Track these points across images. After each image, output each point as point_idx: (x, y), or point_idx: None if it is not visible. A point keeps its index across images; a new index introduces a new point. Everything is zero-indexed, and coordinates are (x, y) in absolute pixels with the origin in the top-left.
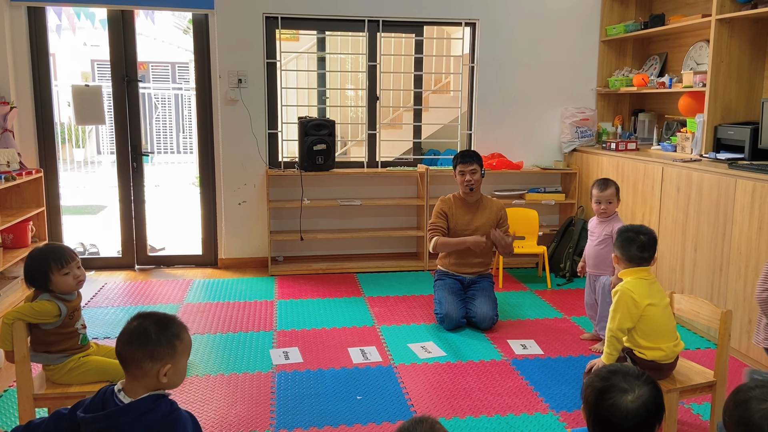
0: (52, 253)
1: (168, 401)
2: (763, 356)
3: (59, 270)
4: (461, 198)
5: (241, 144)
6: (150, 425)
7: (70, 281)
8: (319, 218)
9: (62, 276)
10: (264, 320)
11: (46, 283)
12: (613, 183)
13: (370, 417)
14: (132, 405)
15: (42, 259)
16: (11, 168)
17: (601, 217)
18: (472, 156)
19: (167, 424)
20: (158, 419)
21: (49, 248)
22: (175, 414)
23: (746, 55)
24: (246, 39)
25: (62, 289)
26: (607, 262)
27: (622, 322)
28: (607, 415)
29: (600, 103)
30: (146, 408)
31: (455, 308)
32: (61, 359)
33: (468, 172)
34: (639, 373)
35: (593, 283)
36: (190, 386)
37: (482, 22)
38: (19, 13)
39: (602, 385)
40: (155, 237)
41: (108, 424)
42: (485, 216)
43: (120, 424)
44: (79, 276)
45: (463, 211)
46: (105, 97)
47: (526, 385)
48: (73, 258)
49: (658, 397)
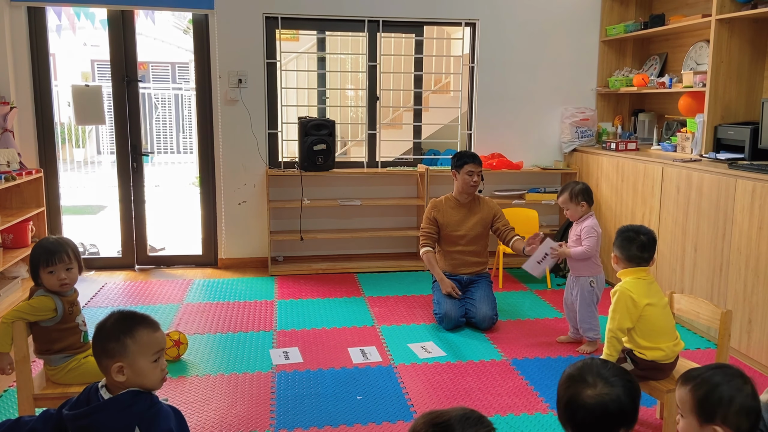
0: (44, 249)
1: (148, 395)
2: (763, 356)
3: (45, 268)
4: (454, 199)
5: (241, 144)
6: (130, 420)
7: (53, 281)
8: (319, 218)
9: (47, 274)
10: (264, 320)
11: (36, 278)
12: (569, 189)
13: (370, 417)
14: (111, 400)
15: (36, 253)
16: (11, 168)
17: (571, 219)
18: (479, 158)
19: (148, 418)
20: (138, 414)
21: (45, 244)
22: (156, 408)
23: (746, 55)
24: (246, 39)
25: (47, 286)
26: (586, 264)
27: (622, 322)
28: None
29: (600, 103)
30: (126, 403)
31: (454, 308)
32: (63, 360)
33: (477, 173)
34: (615, 373)
35: (573, 283)
36: (190, 386)
37: (482, 22)
38: (19, 13)
39: (570, 372)
40: (155, 237)
41: (90, 420)
42: (477, 216)
43: (101, 419)
44: (64, 279)
45: (455, 212)
46: (105, 97)
47: (526, 385)
48: (63, 260)
49: (623, 401)
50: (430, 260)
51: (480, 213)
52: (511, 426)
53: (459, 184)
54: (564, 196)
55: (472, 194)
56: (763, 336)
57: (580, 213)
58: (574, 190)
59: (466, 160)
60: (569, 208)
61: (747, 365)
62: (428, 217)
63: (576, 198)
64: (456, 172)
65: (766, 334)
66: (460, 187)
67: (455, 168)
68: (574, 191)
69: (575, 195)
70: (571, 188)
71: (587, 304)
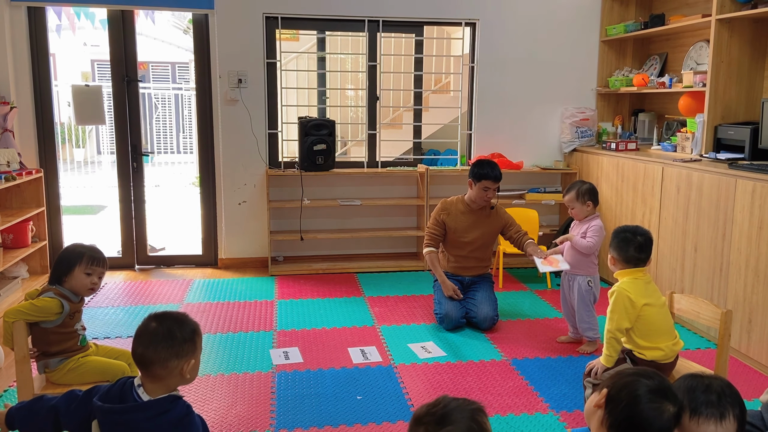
0: (91, 250)
1: (184, 404)
2: (763, 356)
3: (86, 266)
4: (465, 203)
5: (241, 144)
6: (165, 425)
7: (86, 282)
8: (319, 218)
9: (83, 274)
10: (264, 320)
11: (66, 273)
12: (576, 188)
13: (370, 417)
14: (152, 403)
15: (79, 252)
16: (11, 168)
17: (575, 218)
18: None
19: (182, 426)
20: (174, 420)
21: (92, 247)
22: (190, 417)
23: (746, 55)
24: (246, 39)
25: (75, 286)
26: (584, 263)
27: (620, 323)
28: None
29: (600, 103)
30: (165, 408)
31: (454, 308)
32: (60, 362)
33: (492, 189)
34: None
35: (570, 283)
36: (190, 386)
37: (482, 22)
38: (19, 13)
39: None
40: (155, 237)
41: (126, 418)
42: (487, 226)
43: (137, 419)
44: (96, 284)
45: (465, 217)
46: (105, 97)
47: (526, 385)
48: (104, 266)
49: (680, 416)
50: (432, 261)
51: (490, 224)
52: (511, 426)
53: (473, 194)
54: (570, 195)
55: (484, 207)
56: (763, 336)
57: (585, 213)
58: (581, 189)
59: (485, 176)
60: (575, 207)
61: (747, 365)
62: (437, 219)
63: (582, 197)
64: (472, 181)
65: (766, 334)
66: (474, 197)
67: (472, 178)
68: (581, 190)
69: (582, 194)
70: (578, 187)
71: (585, 304)
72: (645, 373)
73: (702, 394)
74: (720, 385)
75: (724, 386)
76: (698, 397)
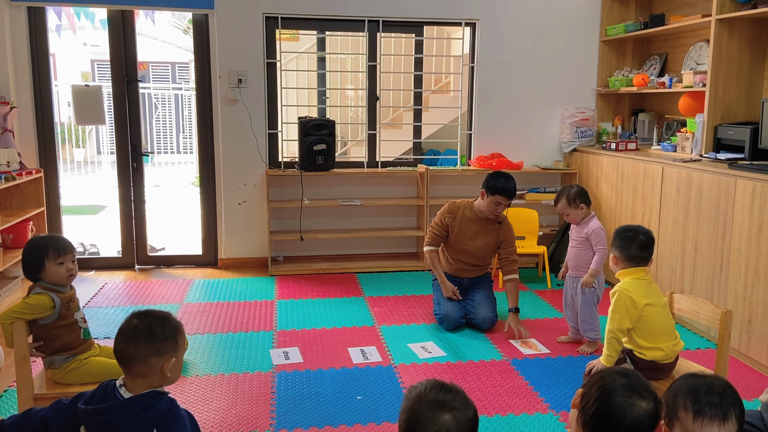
0: (52, 240)
1: (168, 398)
2: (763, 356)
3: (55, 258)
4: (473, 211)
5: (241, 144)
6: (149, 421)
7: (62, 272)
8: (319, 218)
9: (56, 265)
10: (264, 320)
11: (39, 269)
12: (565, 194)
13: (370, 417)
14: (133, 399)
15: (42, 246)
16: (11, 168)
17: (572, 223)
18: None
19: (166, 421)
20: (157, 415)
21: (51, 236)
22: (174, 411)
23: (746, 55)
24: (246, 39)
25: (53, 279)
26: (586, 264)
27: (621, 323)
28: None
29: (600, 103)
30: (147, 403)
31: (454, 309)
32: (66, 360)
33: (504, 205)
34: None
35: (574, 283)
36: (190, 386)
37: (482, 22)
38: (19, 13)
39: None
40: (155, 237)
41: (108, 417)
42: (492, 237)
43: (120, 417)
44: (72, 270)
45: (471, 225)
46: (105, 97)
47: (526, 385)
48: (72, 251)
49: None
50: (433, 261)
51: (494, 236)
52: (511, 426)
53: (483, 205)
54: (562, 203)
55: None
56: (763, 336)
57: (581, 216)
58: (571, 194)
59: (500, 191)
60: (569, 213)
61: (747, 365)
62: (441, 221)
63: (574, 202)
64: (485, 192)
65: (766, 334)
66: (483, 209)
67: (486, 189)
68: (570, 195)
69: (572, 199)
70: (567, 193)
71: (588, 304)
72: (622, 372)
73: (705, 395)
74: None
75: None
76: (701, 398)
